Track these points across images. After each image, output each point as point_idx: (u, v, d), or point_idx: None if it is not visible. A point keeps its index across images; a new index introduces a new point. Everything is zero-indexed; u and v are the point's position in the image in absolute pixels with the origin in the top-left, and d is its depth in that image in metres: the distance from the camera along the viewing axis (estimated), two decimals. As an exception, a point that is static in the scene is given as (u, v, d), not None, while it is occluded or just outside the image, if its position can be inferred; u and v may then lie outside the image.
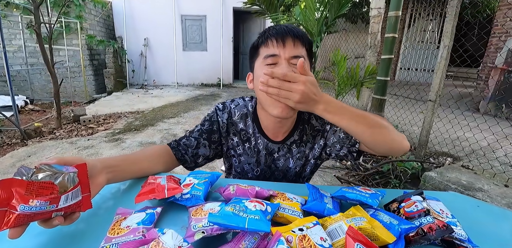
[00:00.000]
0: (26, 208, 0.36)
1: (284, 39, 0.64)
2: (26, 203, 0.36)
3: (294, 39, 0.65)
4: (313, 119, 0.78)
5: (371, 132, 0.57)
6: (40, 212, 0.38)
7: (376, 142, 0.60)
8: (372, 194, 0.53)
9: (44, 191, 0.38)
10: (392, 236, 0.42)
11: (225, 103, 0.82)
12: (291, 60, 0.64)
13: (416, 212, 0.48)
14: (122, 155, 0.65)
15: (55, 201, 0.39)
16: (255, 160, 0.80)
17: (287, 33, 0.65)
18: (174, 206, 0.54)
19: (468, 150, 2.44)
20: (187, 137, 0.78)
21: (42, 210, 0.38)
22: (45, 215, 0.39)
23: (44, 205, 0.37)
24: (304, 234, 0.38)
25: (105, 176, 0.53)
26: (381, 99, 2.47)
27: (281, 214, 0.47)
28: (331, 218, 0.45)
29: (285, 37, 0.64)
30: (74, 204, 0.42)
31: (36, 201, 0.36)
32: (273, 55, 0.64)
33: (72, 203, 0.41)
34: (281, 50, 0.64)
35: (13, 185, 0.36)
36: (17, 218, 0.36)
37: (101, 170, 0.53)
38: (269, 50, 0.65)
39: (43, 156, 2.55)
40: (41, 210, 0.37)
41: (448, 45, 2.13)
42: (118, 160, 0.61)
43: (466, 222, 0.52)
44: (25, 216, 0.36)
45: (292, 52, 0.64)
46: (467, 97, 4.71)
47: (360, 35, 4.74)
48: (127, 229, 0.43)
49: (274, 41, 0.65)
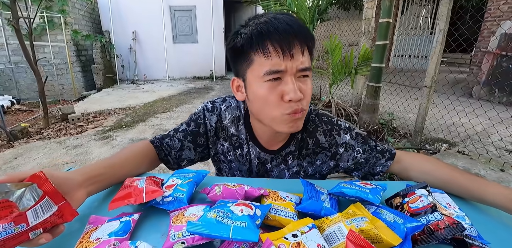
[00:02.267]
0: None
1: (292, 47, 0.50)
2: None
3: (302, 45, 0.51)
4: (321, 134, 0.68)
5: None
6: (10, 236, 0.32)
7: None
8: (372, 189, 0.48)
9: (1, 213, 0.32)
10: (398, 238, 0.37)
11: (214, 102, 0.71)
12: (298, 73, 0.52)
13: (422, 208, 0.43)
14: (106, 160, 0.57)
15: (21, 220, 0.33)
16: (247, 168, 0.72)
17: (294, 38, 0.50)
18: (155, 210, 0.48)
19: (463, 135, 2.43)
20: (171, 136, 0.70)
21: (12, 233, 0.32)
22: (21, 237, 0.33)
23: (10, 228, 0.32)
24: (298, 242, 0.33)
25: (85, 189, 0.46)
26: (376, 86, 2.42)
27: (273, 216, 0.42)
28: (328, 219, 0.40)
29: (292, 44, 0.49)
30: (50, 217, 0.36)
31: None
32: (278, 72, 0.51)
33: (47, 217, 0.35)
34: (288, 63, 0.50)
35: None
36: None
37: (81, 183, 0.46)
38: (271, 62, 0.50)
39: (30, 157, 2.47)
40: (10, 234, 0.32)
41: (443, 29, 2.07)
42: (102, 167, 0.53)
43: (470, 211, 0.48)
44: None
45: (300, 64, 0.51)
46: (462, 82, 4.70)
47: (354, 22, 4.64)
48: (97, 242, 0.37)
49: (276, 50, 0.49)
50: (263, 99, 0.53)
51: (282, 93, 0.52)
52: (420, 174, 0.62)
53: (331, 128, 0.68)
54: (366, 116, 2.50)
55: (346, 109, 2.78)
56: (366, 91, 2.54)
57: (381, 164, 0.66)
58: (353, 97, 3.32)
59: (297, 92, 0.50)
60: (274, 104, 0.53)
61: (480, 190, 0.51)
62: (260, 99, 0.54)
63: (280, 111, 0.53)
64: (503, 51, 4.09)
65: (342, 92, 3.83)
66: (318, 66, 5.77)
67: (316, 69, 3.77)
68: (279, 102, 0.52)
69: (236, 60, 0.56)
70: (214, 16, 6.71)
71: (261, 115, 0.57)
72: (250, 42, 0.51)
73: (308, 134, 0.68)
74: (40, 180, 0.38)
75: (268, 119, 0.56)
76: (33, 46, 3.10)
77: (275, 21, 0.50)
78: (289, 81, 0.51)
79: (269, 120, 0.56)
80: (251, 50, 0.52)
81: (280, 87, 0.52)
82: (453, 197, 0.53)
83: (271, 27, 0.50)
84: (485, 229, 0.45)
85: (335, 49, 2.94)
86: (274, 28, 0.49)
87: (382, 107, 3.23)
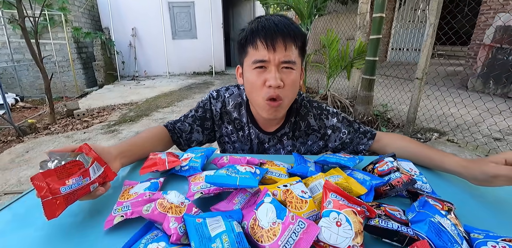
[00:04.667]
0: (67, 188, 0.42)
1: (274, 42, 0.60)
2: (64, 185, 0.41)
3: (285, 41, 0.61)
4: (312, 118, 0.79)
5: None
6: (80, 187, 0.43)
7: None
8: (350, 158, 0.60)
9: (73, 170, 0.43)
10: (364, 189, 0.49)
11: (219, 91, 0.82)
12: (281, 65, 0.63)
13: (387, 170, 0.55)
14: (131, 140, 0.68)
15: (86, 174, 0.45)
16: (248, 147, 0.84)
17: (277, 34, 0.60)
18: (175, 177, 0.60)
19: (453, 125, 2.54)
20: (182, 121, 0.82)
21: (81, 185, 0.43)
22: (85, 189, 0.44)
23: (80, 181, 0.43)
24: (287, 189, 0.45)
25: (120, 161, 0.58)
26: (370, 79, 2.52)
27: (269, 177, 0.54)
28: (312, 178, 0.52)
29: (275, 39, 0.60)
30: (101, 175, 0.48)
31: (71, 180, 0.42)
32: (262, 61, 0.62)
33: (100, 174, 0.47)
34: (271, 55, 0.61)
35: (45, 177, 0.41)
36: (64, 199, 0.41)
37: (116, 156, 0.57)
38: (258, 54, 0.62)
39: (41, 151, 2.59)
40: (80, 185, 0.43)
41: (433, 23, 2.16)
42: (129, 145, 0.64)
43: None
44: (70, 195, 0.42)
45: (283, 56, 0.62)
46: (458, 74, 4.78)
47: (351, 17, 4.70)
48: (135, 194, 0.49)
49: (263, 44, 0.61)
50: (251, 83, 0.66)
51: (265, 80, 0.64)
52: (395, 149, 0.73)
53: (320, 112, 0.79)
54: (361, 107, 2.61)
55: (342, 101, 2.89)
56: (361, 84, 2.64)
57: (364, 143, 0.78)
58: (349, 90, 3.42)
59: (277, 79, 0.62)
60: (258, 88, 0.65)
61: (440, 160, 0.63)
62: (249, 83, 0.66)
63: (261, 96, 0.65)
64: (498, 43, 4.16)
65: (339, 85, 3.93)
66: (316, 60, 5.85)
67: (314, 63, 3.87)
68: (262, 87, 0.64)
69: (239, 52, 0.69)
70: (212, 12, 6.76)
71: (251, 99, 0.70)
72: (246, 37, 0.64)
73: (300, 118, 0.80)
74: (86, 150, 0.49)
75: (255, 104, 0.69)
76: (39, 44, 3.19)
77: (266, 22, 0.63)
78: (272, 70, 0.62)
79: (256, 105, 0.69)
80: (247, 44, 0.65)
81: (264, 75, 0.64)
82: (420, 168, 0.64)
83: (260, 26, 0.62)
84: (444, 191, 0.56)
85: (332, 43, 3.03)
86: (262, 26, 0.62)
87: (377, 99, 3.33)
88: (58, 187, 0.41)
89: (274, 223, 0.37)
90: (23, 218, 0.47)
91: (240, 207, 0.45)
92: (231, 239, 0.35)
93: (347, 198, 0.42)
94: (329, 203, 0.41)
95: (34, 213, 0.48)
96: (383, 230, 0.39)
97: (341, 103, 2.93)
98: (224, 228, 0.36)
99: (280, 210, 0.39)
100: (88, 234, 0.43)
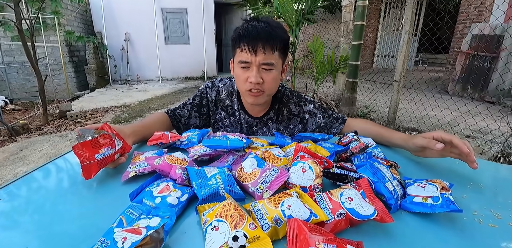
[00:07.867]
0: (100, 155, 0.53)
1: (255, 46, 0.73)
2: (98, 153, 0.53)
3: (265, 47, 0.73)
4: (292, 105, 0.94)
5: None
6: (109, 155, 0.55)
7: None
8: (320, 134, 0.73)
9: (104, 141, 0.55)
10: (328, 152, 0.62)
11: (214, 82, 0.96)
12: (261, 66, 0.76)
13: (348, 141, 0.68)
14: (138, 123, 0.80)
15: (113, 145, 0.56)
16: (238, 130, 0.97)
17: (258, 41, 0.72)
18: (176, 150, 0.72)
19: (431, 125, 2.73)
20: (181, 108, 0.94)
21: (109, 153, 0.55)
22: (111, 157, 0.56)
23: (109, 150, 0.55)
24: (267, 150, 0.58)
25: (132, 139, 0.69)
26: (353, 81, 2.70)
27: (253, 146, 0.66)
28: (288, 146, 0.65)
29: (256, 45, 0.72)
30: (122, 147, 0.59)
31: (103, 149, 0.54)
32: (245, 62, 0.76)
33: (121, 145, 0.59)
34: (253, 57, 0.74)
35: (83, 146, 0.52)
36: (99, 164, 0.53)
37: (129, 134, 0.69)
38: (243, 56, 0.75)
39: (35, 149, 2.63)
40: (109, 153, 0.55)
41: (408, 31, 2.37)
42: (138, 126, 0.76)
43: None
44: (102, 161, 0.54)
45: (263, 59, 0.74)
46: (439, 80, 5.05)
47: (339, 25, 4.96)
48: (145, 158, 0.60)
49: (246, 47, 0.73)
50: (238, 77, 0.81)
51: (247, 77, 0.78)
52: (359, 130, 0.87)
53: (299, 100, 0.93)
54: (346, 108, 2.78)
55: (328, 103, 3.06)
56: (345, 86, 2.82)
57: (336, 127, 0.92)
58: (335, 93, 3.60)
59: (257, 77, 0.76)
60: (242, 82, 0.80)
61: (390, 136, 0.77)
62: (236, 76, 0.81)
63: (244, 87, 0.80)
64: (475, 50, 4.44)
65: (327, 89, 4.12)
66: (304, 66, 6.06)
67: (303, 69, 4.05)
68: (245, 81, 0.79)
69: (232, 48, 0.83)
70: (205, 18, 6.94)
71: (238, 87, 0.84)
72: (235, 40, 0.78)
73: (283, 104, 0.94)
74: (107, 127, 0.61)
75: (241, 92, 0.84)
76: (34, 46, 3.25)
77: (250, 28, 0.75)
78: (254, 70, 0.76)
79: (241, 92, 0.84)
80: (236, 45, 0.78)
81: (247, 72, 0.78)
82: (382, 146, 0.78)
83: (246, 32, 0.75)
84: (393, 158, 0.70)
85: (318, 49, 3.22)
86: (248, 33, 0.75)
87: (363, 101, 3.52)
88: (93, 154, 0.52)
89: (255, 169, 0.50)
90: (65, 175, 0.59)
91: (229, 164, 0.57)
92: (223, 177, 0.47)
93: (312, 155, 0.55)
94: (297, 157, 0.54)
95: (72, 172, 0.59)
96: (336, 174, 0.52)
97: (327, 104, 3.09)
98: (217, 171, 0.49)
99: (260, 162, 0.51)
100: (109, 184, 0.54)
